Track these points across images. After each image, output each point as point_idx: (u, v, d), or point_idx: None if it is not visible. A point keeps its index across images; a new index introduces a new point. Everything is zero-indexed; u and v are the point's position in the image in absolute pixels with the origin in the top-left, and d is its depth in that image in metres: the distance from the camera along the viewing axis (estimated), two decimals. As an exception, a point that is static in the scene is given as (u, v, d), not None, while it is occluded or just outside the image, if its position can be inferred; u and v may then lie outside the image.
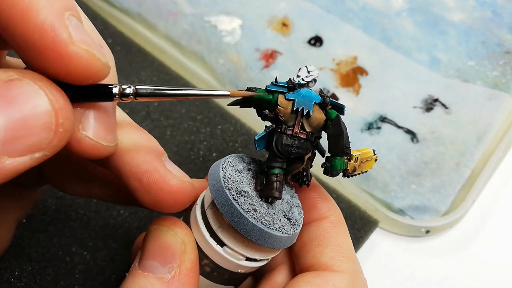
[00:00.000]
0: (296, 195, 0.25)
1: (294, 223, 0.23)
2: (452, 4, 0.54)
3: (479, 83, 0.48)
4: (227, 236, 0.23)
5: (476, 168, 0.42)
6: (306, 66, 0.23)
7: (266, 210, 0.22)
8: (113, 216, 0.37)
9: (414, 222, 0.39)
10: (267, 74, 0.48)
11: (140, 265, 0.22)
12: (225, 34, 0.50)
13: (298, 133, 0.23)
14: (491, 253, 0.39)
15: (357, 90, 0.47)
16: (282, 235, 0.22)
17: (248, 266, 0.24)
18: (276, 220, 0.22)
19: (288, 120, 0.23)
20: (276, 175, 0.23)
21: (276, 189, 0.22)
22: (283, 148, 0.23)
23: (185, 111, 0.45)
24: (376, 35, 0.51)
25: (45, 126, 0.16)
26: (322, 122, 0.23)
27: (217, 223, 0.23)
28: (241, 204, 0.22)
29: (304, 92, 0.23)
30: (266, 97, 0.23)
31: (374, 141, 0.44)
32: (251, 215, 0.22)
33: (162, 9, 0.52)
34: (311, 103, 0.22)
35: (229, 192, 0.22)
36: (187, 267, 0.22)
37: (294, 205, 0.24)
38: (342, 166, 0.23)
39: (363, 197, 0.40)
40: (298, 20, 0.52)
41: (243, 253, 0.23)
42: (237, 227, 0.22)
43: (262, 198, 0.23)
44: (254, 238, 0.22)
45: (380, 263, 0.39)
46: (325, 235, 0.24)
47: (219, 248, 0.23)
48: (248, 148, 0.43)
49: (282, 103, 0.23)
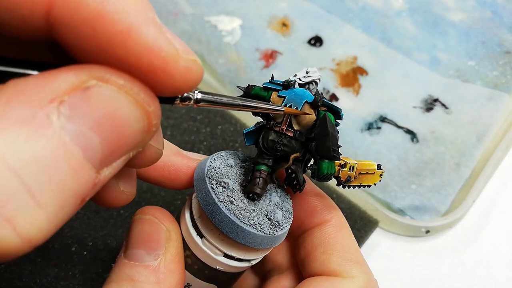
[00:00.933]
0: (290, 201, 0.25)
1: (275, 225, 0.23)
2: (452, 4, 0.54)
3: (479, 83, 0.48)
4: (205, 227, 0.23)
5: (476, 168, 0.42)
6: (307, 68, 0.23)
7: (246, 205, 0.22)
8: (113, 216, 0.37)
9: (414, 222, 0.39)
10: (267, 74, 0.48)
11: (126, 254, 0.22)
12: (225, 34, 0.50)
13: (285, 131, 0.23)
14: (491, 253, 0.39)
15: (357, 90, 0.47)
16: (256, 233, 0.22)
17: (226, 264, 0.23)
18: (253, 217, 0.22)
19: (276, 117, 0.23)
20: (260, 172, 0.23)
21: (257, 186, 0.22)
22: (268, 144, 0.23)
23: (185, 111, 0.45)
24: (376, 35, 0.51)
25: (139, 131, 0.15)
26: (312, 121, 0.23)
27: (198, 212, 0.23)
28: (217, 193, 0.22)
29: (297, 91, 0.23)
30: (262, 93, 0.23)
31: (374, 141, 0.44)
32: (225, 206, 0.22)
33: (162, 9, 0.52)
34: (301, 102, 0.22)
35: (208, 181, 0.22)
36: (172, 254, 0.22)
37: (281, 208, 0.24)
38: (329, 170, 0.22)
39: (363, 197, 0.40)
40: (298, 20, 0.52)
41: (220, 247, 0.23)
42: (210, 216, 0.22)
43: (244, 194, 0.23)
44: (226, 229, 0.22)
45: (380, 263, 0.39)
46: (329, 241, 0.24)
47: (198, 239, 0.23)
48: (248, 148, 0.43)
49: (274, 100, 0.23)
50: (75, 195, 0.13)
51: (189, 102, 0.17)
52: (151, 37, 0.14)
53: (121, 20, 0.13)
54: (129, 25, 0.13)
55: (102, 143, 0.14)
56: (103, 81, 0.14)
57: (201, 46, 0.50)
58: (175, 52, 0.14)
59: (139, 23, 0.14)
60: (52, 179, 0.13)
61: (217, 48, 0.49)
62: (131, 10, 0.14)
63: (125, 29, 0.13)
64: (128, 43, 0.14)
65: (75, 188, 0.13)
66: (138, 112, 0.14)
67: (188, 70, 0.15)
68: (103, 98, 0.14)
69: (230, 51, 0.49)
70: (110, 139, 0.14)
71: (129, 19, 0.13)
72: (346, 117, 0.43)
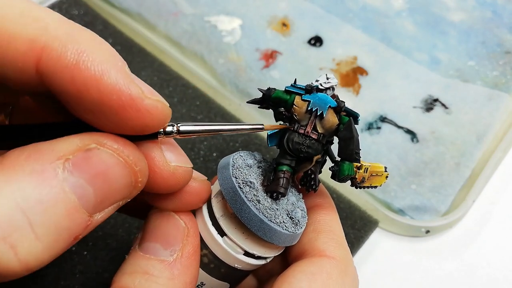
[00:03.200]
0: (303, 200, 0.26)
1: (296, 223, 0.24)
2: (452, 4, 0.54)
3: (479, 83, 0.48)
4: (228, 225, 0.23)
5: (476, 168, 0.42)
6: (326, 74, 0.24)
7: (270, 204, 0.23)
8: (113, 216, 0.37)
9: (414, 222, 0.39)
10: (267, 74, 0.48)
11: (141, 247, 0.22)
12: (225, 34, 0.50)
13: (310, 133, 0.23)
14: (491, 253, 0.39)
15: (357, 90, 0.47)
16: (282, 231, 0.23)
17: (245, 262, 0.24)
18: (278, 216, 0.23)
19: (301, 120, 0.24)
20: (284, 172, 0.23)
21: (282, 185, 0.23)
22: (293, 146, 0.23)
23: (185, 111, 0.45)
24: (376, 35, 0.51)
25: (127, 186, 0.18)
26: (335, 125, 0.24)
27: (220, 211, 0.24)
28: (245, 192, 0.23)
29: (320, 95, 0.24)
30: (284, 96, 0.24)
31: (374, 141, 0.44)
32: (253, 205, 0.22)
33: (162, 9, 0.52)
34: (325, 106, 0.23)
35: (235, 180, 0.23)
36: (189, 251, 0.22)
37: (298, 207, 0.24)
38: (350, 172, 0.23)
39: (363, 197, 0.40)
40: (298, 20, 0.52)
41: (242, 245, 0.23)
42: (239, 214, 0.22)
43: (267, 193, 0.23)
44: (254, 228, 0.22)
45: (380, 263, 0.39)
46: (319, 221, 0.25)
47: (219, 237, 0.24)
48: (248, 148, 0.43)
49: (298, 103, 0.24)
50: (69, 233, 0.17)
51: (173, 134, 0.20)
52: (120, 80, 0.17)
53: (94, 67, 0.17)
54: (101, 71, 0.17)
55: (95, 193, 0.17)
56: (101, 145, 0.18)
57: (201, 46, 0.50)
58: (140, 91, 0.18)
59: (110, 70, 0.17)
60: (50, 218, 0.16)
61: (217, 48, 0.49)
62: (103, 60, 0.17)
63: (98, 74, 0.17)
64: (101, 85, 0.17)
65: (70, 227, 0.17)
66: (126, 171, 0.18)
67: (154, 107, 0.18)
68: (99, 158, 0.17)
69: (230, 51, 0.49)
70: (102, 190, 0.18)
71: (101, 66, 0.17)
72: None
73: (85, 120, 0.18)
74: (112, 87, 0.17)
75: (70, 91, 0.17)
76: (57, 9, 0.50)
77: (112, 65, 0.17)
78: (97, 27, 0.50)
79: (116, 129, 0.18)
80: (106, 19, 0.51)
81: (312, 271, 0.22)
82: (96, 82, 0.17)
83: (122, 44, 0.49)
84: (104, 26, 0.50)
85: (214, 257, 0.24)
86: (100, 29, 0.50)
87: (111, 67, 0.17)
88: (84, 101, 0.17)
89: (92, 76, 0.17)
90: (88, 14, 0.51)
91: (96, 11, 0.52)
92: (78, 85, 0.17)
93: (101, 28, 0.50)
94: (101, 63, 0.17)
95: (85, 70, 0.17)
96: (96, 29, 0.50)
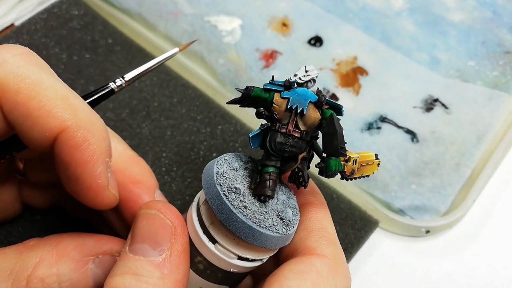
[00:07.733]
0: (294, 196, 0.25)
1: (287, 224, 0.23)
2: (452, 4, 0.54)
3: (479, 83, 0.48)
4: (218, 233, 0.23)
5: (476, 168, 0.42)
6: (305, 66, 0.23)
7: (258, 208, 0.22)
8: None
9: (414, 222, 0.39)
10: (267, 74, 0.48)
11: (130, 248, 0.23)
12: (225, 34, 0.50)
13: (292, 132, 0.22)
14: (491, 253, 0.39)
15: (357, 90, 0.47)
16: (273, 234, 0.22)
17: (240, 266, 0.24)
18: (267, 219, 0.22)
19: (282, 118, 0.23)
20: (270, 174, 0.23)
21: (268, 188, 0.22)
22: (276, 146, 0.23)
23: (185, 111, 0.45)
24: (376, 35, 0.51)
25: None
26: (317, 121, 0.23)
27: (209, 219, 0.23)
28: (231, 200, 0.22)
29: (300, 91, 0.23)
30: (263, 95, 0.23)
31: (374, 141, 0.44)
32: (240, 212, 0.22)
33: (162, 9, 0.52)
34: (306, 102, 0.22)
35: (220, 188, 0.22)
36: (178, 250, 0.23)
37: (289, 206, 0.24)
38: (337, 167, 0.23)
39: (363, 197, 0.40)
40: (298, 20, 0.52)
41: (235, 251, 0.23)
42: (227, 223, 0.22)
43: (255, 196, 0.23)
44: (243, 235, 0.22)
45: (380, 263, 0.39)
46: (310, 219, 0.25)
47: (211, 245, 0.23)
48: (248, 148, 0.43)
49: (277, 101, 0.23)
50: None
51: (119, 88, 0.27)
52: (98, 170, 0.23)
53: (89, 153, 0.22)
54: (93, 158, 0.23)
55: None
56: (117, 254, 0.26)
57: (201, 46, 0.50)
58: (106, 184, 0.23)
59: (97, 161, 0.23)
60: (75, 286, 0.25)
61: (217, 48, 0.49)
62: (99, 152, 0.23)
63: (89, 158, 0.22)
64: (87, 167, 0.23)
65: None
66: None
67: (107, 197, 0.24)
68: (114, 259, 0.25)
69: (230, 51, 0.49)
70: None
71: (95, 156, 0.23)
72: (346, 117, 0.43)
73: (63, 183, 0.24)
74: (93, 173, 0.23)
75: (65, 159, 0.22)
76: (57, 9, 0.50)
77: (103, 158, 0.23)
78: (97, 27, 0.50)
79: (73, 193, 0.24)
80: (106, 19, 0.51)
81: (302, 269, 0.22)
82: (86, 163, 0.22)
83: (122, 44, 0.49)
84: (104, 26, 0.50)
85: (209, 264, 0.24)
86: (100, 29, 0.50)
87: (101, 159, 0.23)
88: (70, 169, 0.23)
89: (85, 159, 0.22)
90: (88, 14, 0.51)
91: (96, 11, 0.52)
92: (73, 158, 0.22)
93: (101, 28, 0.50)
94: (95, 152, 0.22)
95: (82, 152, 0.22)
96: (96, 29, 0.50)
